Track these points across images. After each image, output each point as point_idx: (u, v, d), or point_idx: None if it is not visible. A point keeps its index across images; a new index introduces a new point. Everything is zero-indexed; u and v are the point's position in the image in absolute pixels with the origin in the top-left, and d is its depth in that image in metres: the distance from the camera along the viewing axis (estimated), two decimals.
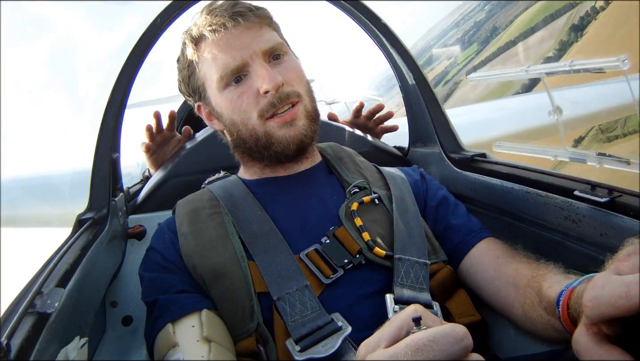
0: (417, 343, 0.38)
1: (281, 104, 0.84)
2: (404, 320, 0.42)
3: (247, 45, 0.84)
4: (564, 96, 0.99)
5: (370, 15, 1.22)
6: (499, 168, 1.05)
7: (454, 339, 0.38)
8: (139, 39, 1.16)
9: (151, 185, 1.29)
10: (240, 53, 0.84)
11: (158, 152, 1.39)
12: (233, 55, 0.84)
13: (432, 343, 0.38)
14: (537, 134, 3.01)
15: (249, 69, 0.85)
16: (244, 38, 0.85)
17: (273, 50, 0.87)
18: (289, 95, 0.85)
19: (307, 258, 0.80)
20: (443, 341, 0.38)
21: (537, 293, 0.69)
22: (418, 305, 0.44)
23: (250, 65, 0.84)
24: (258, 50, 0.85)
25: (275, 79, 0.82)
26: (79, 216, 1.07)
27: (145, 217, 1.23)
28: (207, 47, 0.87)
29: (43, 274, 0.76)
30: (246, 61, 0.84)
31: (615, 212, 0.72)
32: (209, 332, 0.71)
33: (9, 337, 0.57)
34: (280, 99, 0.84)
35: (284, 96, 0.84)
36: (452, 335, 0.38)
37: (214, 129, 0.99)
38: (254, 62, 0.84)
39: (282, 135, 0.85)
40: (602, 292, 0.39)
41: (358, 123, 1.52)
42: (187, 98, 0.99)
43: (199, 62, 0.89)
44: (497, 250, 0.85)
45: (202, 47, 0.88)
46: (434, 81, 15.63)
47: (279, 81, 0.82)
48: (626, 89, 0.84)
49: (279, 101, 0.84)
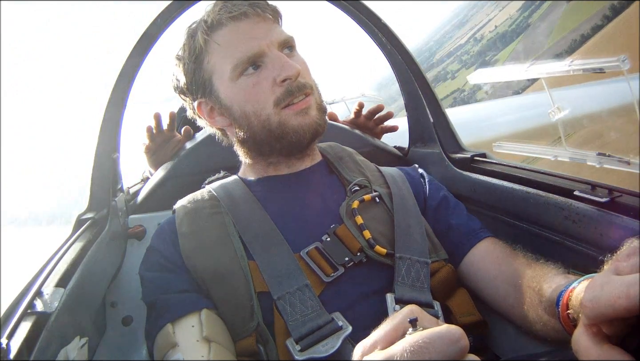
0: (413, 345, 0.38)
1: (298, 92, 0.84)
2: (400, 321, 0.42)
3: (264, 35, 0.84)
4: (563, 96, 0.99)
5: (370, 15, 1.22)
6: (499, 168, 1.05)
7: (450, 340, 0.38)
8: (139, 39, 1.16)
9: (151, 185, 1.29)
10: (258, 42, 0.84)
11: (158, 152, 1.39)
12: (250, 44, 0.84)
13: (429, 345, 0.38)
14: (537, 134, 3.01)
15: (264, 58, 0.84)
16: (261, 28, 0.85)
17: (287, 41, 0.87)
18: (304, 85, 0.85)
19: (307, 256, 0.80)
20: (439, 343, 0.38)
21: (537, 293, 0.69)
22: (414, 306, 0.44)
23: (266, 54, 0.84)
24: (275, 41, 0.85)
25: (294, 67, 0.82)
26: (79, 216, 1.07)
27: (145, 217, 1.23)
28: (224, 34, 0.85)
29: (43, 274, 0.76)
30: (263, 49, 0.84)
31: (615, 212, 0.72)
32: (209, 332, 0.71)
33: (9, 337, 0.57)
34: (297, 87, 0.84)
35: (300, 85, 0.84)
36: (448, 336, 0.38)
37: (216, 128, 0.97)
38: (271, 52, 0.84)
39: (297, 123, 0.84)
40: (601, 292, 0.39)
41: (358, 123, 1.52)
42: (183, 98, 0.96)
43: (209, 51, 0.87)
44: (497, 250, 0.85)
45: (218, 34, 0.86)
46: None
47: (298, 69, 0.83)
48: (626, 89, 0.84)
49: (297, 90, 0.84)
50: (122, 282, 1.13)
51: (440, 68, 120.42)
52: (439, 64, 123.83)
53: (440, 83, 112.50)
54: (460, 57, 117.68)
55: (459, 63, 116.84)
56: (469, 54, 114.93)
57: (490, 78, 1.15)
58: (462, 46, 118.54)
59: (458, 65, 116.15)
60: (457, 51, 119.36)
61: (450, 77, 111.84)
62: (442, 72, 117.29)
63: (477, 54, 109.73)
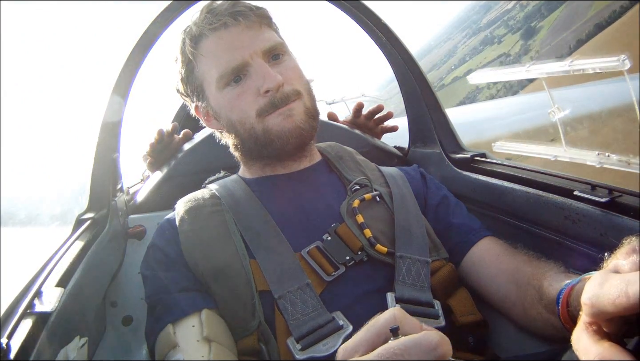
0: (389, 352, 0.38)
1: (281, 104, 0.84)
2: (382, 326, 0.42)
3: (247, 44, 0.84)
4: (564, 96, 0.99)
5: (370, 15, 1.22)
6: (499, 168, 1.05)
7: (428, 347, 0.38)
8: (139, 38, 1.16)
9: (151, 185, 1.29)
10: (241, 52, 0.84)
11: (158, 158, 1.39)
12: (233, 55, 0.84)
13: (404, 353, 0.38)
14: (537, 134, 3.01)
15: (248, 68, 0.84)
16: (244, 37, 0.85)
17: (273, 49, 0.87)
18: (289, 95, 0.84)
19: (308, 255, 0.80)
20: (415, 350, 0.38)
21: (538, 291, 0.69)
22: (397, 309, 0.43)
23: (250, 64, 0.84)
24: (258, 50, 0.84)
25: (276, 79, 0.82)
26: (79, 216, 1.07)
27: (145, 217, 1.23)
28: (206, 46, 0.86)
29: (43, 274, 0.76)
30: (246, 60, 0.84)
31: (615, 212, 0.72)
32: (209, 332, 0.71)
33: (9, 337, 0.57)
34: (280, 99, 0.83)
35: (284, 96, 0.84)
36: (425, 343, 0.38)
37: (212, 129, 0.98)
38: (254, 62, 0.84)
39: (280, 128, 0.84)
40: (601, 290, 0.39)
41: (358, 123, 1.52)
42: (184, 99, 0.97)
43: (197, 61, 0.88)
44: (497, 249, 0.85)
45: (201, 46, 0.87)
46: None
47: (280, 81, 0.82)
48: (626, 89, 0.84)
49: (280, 102, 0.83)
50: (122, 282, 1.13)
51: (487, 32, 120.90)
52: (486, 27, 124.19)
53: (487, 47, 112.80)
54: (507, 22, 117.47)
55: (505, 28, 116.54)
56: (515, 19, 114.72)
57: (491, 78, 1.15)
58: (509, 11, 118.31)
59: (504, 30, 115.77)
60: (504, 16, 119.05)
61: (497, 41, 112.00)
62: (488, 36, 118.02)
63: (523, 19, 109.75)
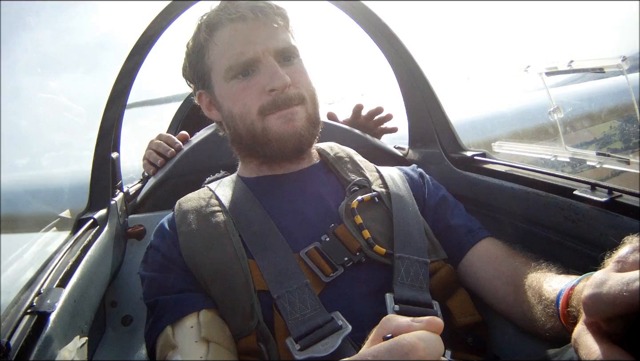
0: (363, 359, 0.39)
1: (284, 105, 0.84)
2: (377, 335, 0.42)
3: (262, 41, 0.84)
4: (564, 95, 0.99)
5: (370, 15, 1.22)
6: (499, 168, 1.05)
7: (400, 353, 0.37)
8: (139, 38, 1.16)
9: (151, 185, 1.29)
10: (254, 47, 0.84)
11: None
12: (247, 48, 0.84)
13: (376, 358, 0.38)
14: (537, 134, 3.01)
15: (259, 65, 0.85)
16: (260, 33, 0.85)
17: (286, 50, 0.87)
18: (292, 98, 0.84)
19: (307, 256, 0.79)
20: (386, 357, 0.38)
21: (537, 292, 0.69)
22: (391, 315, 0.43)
23: (261, 61, 0.84)
24: (271, 49, 0.85)
25: (283, 79, 0.82)
26: (79, 216, 1.07)
27: (145, 217, 1.23)
28: (221, 35, 0.86)
29: (43, 274, 0.76)
30: (258, 56, 0.84)
31: (615, 212, 0.72)
32: (208, 332, 0.71)
33: (9, 337, 0.57)
34: (283, 100, 0.83)
35: (287, 97, 0.84)
36: (398, 349, 0.38)
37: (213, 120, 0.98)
38: (266, 59, 0.84)
39: (280, 131, 0.84)
40: (601, 290, 0.39)
41: (358, 123, 1.52)
42: (189, 84, 0.98)
43: (209, 48, 0.88)
44: (496, 250, 0.85)
45: (216, 34, 0.87)
46: None
47: (287, 82, 0.82)
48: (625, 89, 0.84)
49: (282, 103, 0.84)
50: (122, 282, 1.13)
51: None
52: None
53: None
54: None
55: None
56: None
57: (489, 79, 1.15)
58: None
59: None
60: None
61: None
62: None
63: None
